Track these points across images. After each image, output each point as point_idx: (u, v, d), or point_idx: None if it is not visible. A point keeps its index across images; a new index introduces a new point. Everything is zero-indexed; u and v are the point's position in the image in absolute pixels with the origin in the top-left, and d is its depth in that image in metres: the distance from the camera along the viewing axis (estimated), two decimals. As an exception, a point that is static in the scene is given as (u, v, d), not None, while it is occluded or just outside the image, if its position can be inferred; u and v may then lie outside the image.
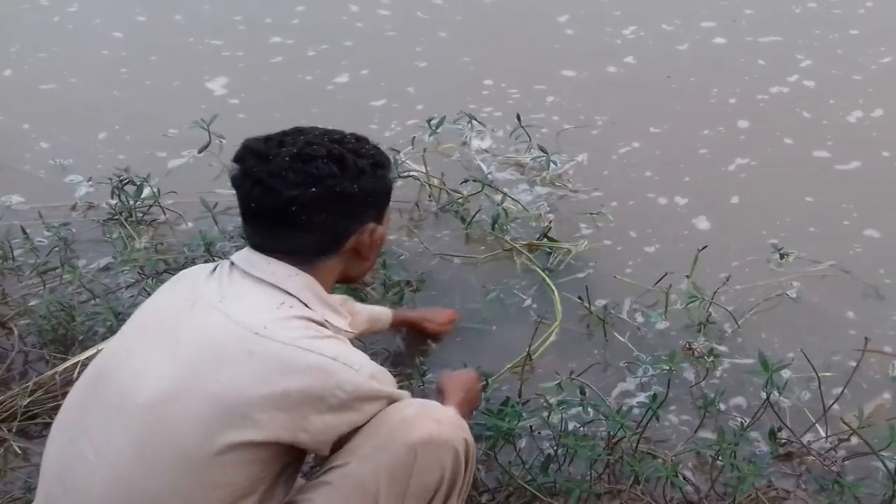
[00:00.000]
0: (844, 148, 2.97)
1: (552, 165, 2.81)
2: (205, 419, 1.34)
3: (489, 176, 2.85)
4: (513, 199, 2.72)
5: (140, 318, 1.52)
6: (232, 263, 1.50)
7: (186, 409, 1.35)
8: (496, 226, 2.60)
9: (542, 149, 2.81)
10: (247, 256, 1.49)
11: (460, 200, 2.73)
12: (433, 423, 1.47)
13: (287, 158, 1.44)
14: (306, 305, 1.46)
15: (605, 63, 3.44)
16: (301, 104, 3.28)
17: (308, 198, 1.43)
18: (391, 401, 1.49)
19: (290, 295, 1.45)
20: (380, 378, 1.48)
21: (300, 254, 1.48)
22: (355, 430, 1.45)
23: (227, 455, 1.35)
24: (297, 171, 1.43)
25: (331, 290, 1.54)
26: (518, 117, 2.83)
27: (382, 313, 2.17)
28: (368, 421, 1.45)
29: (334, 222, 1.48)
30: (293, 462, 1.47)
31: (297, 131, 1.51)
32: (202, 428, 1.34)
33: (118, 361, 1.45)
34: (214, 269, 1.53)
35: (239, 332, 1.38)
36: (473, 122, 2.93)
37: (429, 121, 2.88)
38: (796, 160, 2.94)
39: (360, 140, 1.54)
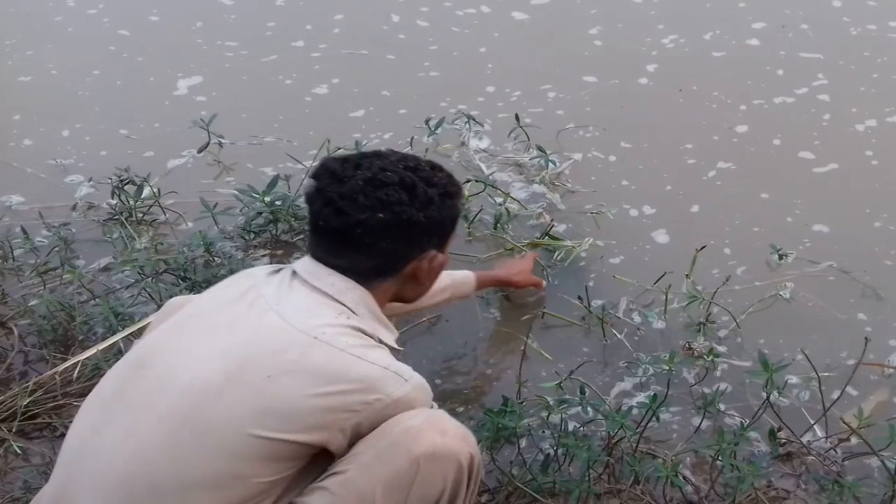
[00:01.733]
0: (831, 151, 2.95)
1: (551, 165, 2.81)
2: (251, 413, 1.37)
3: (490, 176, 2.84)
4: (514, 198, 2.72)
5: (193, 308, 1.56)
6: (294, 272, 1.53)
7: (232, 401, 1.37)
8: (498, 225, 2.61)
9: (540, 148, 2.81)
10: (309, 267, 1.52)
11: (462, 200, 2.73)
12: (438, 434, 1.45)
13: (360, 182, 1.48)
14: (359, 318, 1.50)
15: (628, 70, 3.37)
16: (275, 106, 3.25)
17: (375, 223, 1.47)
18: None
19: (346, 307, 1.49)
20: (423, 391, 1.51)
21: (360, 275, 1.52)
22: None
23: (262, 450, 1.37)
24: (367, 196, 1.47)
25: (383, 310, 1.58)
26: (517, 117, 2.83)
27: (464, 276, 2.18)
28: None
29: (396, 248, 1.53)
30: (315, 463, 1.48)
31: (375, 155, 1.56)
32: (246, 421, 1.37)
33: (163, 347, 1.48)
34: (277, 271, 1.56)
35: (296, 334, 1.42)
36: (472, 122, 2.93)
37: (427, 121, 2.88)
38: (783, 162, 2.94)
39: (434, 168, 1.58)
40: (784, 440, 2.02)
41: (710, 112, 3.16)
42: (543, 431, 2.01)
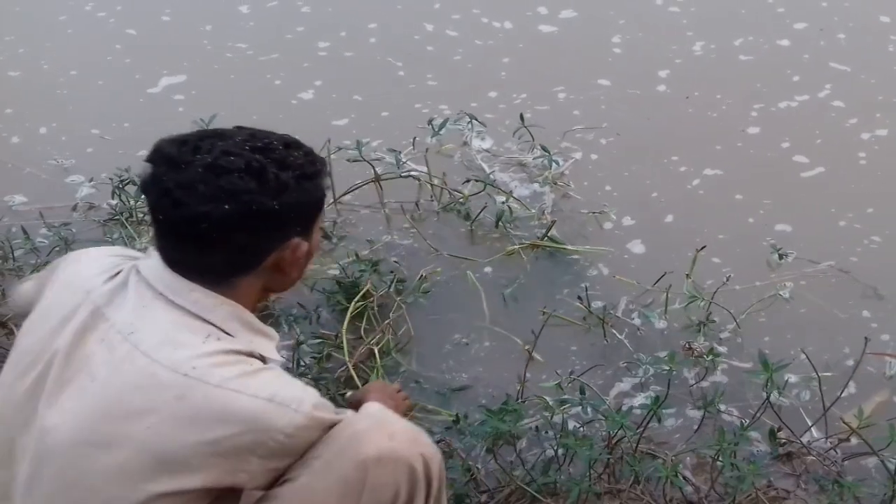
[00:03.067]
0: (825, 156, 2.91)
1: (554, 165, 2.80)
2: (132, 468, 1.24)
3: (491, 175, 2.84)
4: (515, 198, 2.72)
5: (31, 345, 1.36)
6: (139, 274, 1.35)
7: (110, 458, 1.25)
8: (499, 224, 2.61)
9: (544, 148, 2.81)
10: (163, 277, 1.33)
11: (461, 200, 2.74)
12: (385, 437, 1.35)
13: (200, 169, 1.29)
14: (232, 336, 1.34)
15: (647, 76, 3.31)
16: (251, 107, 3.19)
17: (220, 215, 1.28)
18: (332, 426, 1.36)
19: (215, 326, 1.32)
20: (322, 411, 1.35)
21: (214, 273, 1.34)
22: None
23: (171, 501, 1.26)
24: (209, 185, 1.28)
25: (254, 308, 1.42)
26: (521, 116, 2.83)
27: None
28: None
29: (249, 241, 1.34)
30: (226, 497, 1.35)
31: (217, 135, 1.36)
32: (129, 478, 1.25)
33: (16, 405, 1.32)
34: (114, 275, 1.37)
35: (164, 373, 1.26)
36: (474, 121, 2.93)
37: (430, 121, 2.88)
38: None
39: (290, 146, 1.38)
40: (784, 440, 2.02)
41: (721, 117, 3.11)
42: (546, 432, 2.02)
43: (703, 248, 2.43)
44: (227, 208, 1.28)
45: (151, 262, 1.36)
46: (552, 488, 1.90)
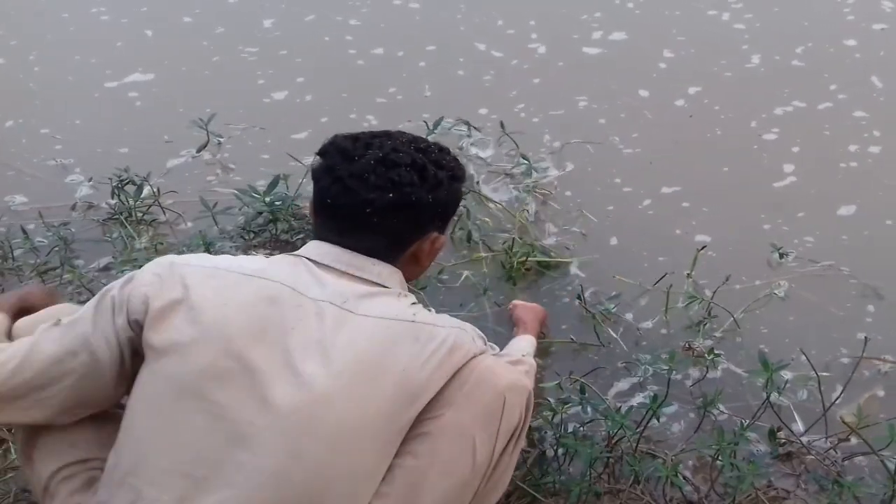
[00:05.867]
0: (813, 164, 2.88)
1: (541, 173, 2.79)
2: (391, 407, 1.40)
3: (477, 182, 2.81)
4: (493, 201, 2.70)
5: (236, 324, 1.40)
6: (315, 262, 1.50)
7: (374, 393, 1.39)
8: (470, 240, 2.58)
9: (524, 156, 2.79)
10: (341, 257, 1.51)
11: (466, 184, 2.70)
12: (509, 371, 1.55)
13: (372, 162, 1.49)
14: (407, 295, 1.54)
15: (671, 89, 3.25)
16: (221, 106, 3.13)
17: (384, 203, 1.48)
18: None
19: (398, 292, 1.53)
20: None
21: (374, 255, 1.52)
22: None
23: (402, 430, 1.43)
24: (378, 176, 1.48)
25: None
26: (501, 124, 2.81)
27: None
28: None
29: (402, 228, 1.54)
30: None
31: (385, 135, 1.56)
32: (391, 412, 1.41)
33: (236, 376, 1.38)
34: (289, 263, 1.51)
35: (395, 324, 1.44)
36: (472, 129, 2.92)
37: (425, 121, 2.87)
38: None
39: (443, 151, 1.60)
40: (784, 440, 2.02)
41: (733, 124, 3.07)
42: (545, 432, 2.02)
43: (703, 248, 2.43)
44: (391, 196, 1.48)
45: (322, 249, 1.52)
46: (552, 488, 1.90)
